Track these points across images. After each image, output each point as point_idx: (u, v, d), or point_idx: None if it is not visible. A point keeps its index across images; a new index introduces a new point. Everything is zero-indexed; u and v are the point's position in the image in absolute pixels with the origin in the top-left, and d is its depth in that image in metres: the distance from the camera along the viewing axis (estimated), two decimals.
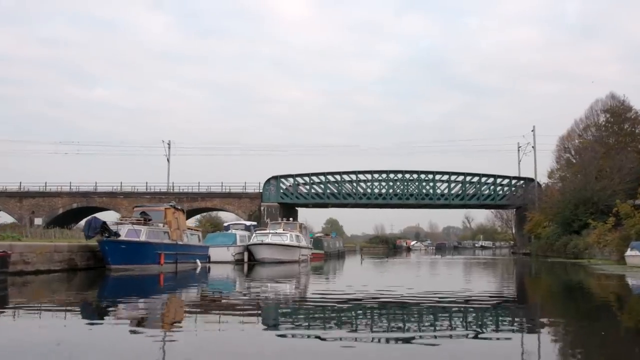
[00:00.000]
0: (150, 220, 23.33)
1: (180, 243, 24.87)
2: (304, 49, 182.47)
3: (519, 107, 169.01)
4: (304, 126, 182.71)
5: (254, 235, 33.49)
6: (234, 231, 34.63)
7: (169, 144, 71.60)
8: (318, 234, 51.48)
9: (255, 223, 40.68)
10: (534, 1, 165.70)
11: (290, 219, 39.15)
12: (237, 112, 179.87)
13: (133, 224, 22.63)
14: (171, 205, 25.06)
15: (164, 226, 24.07)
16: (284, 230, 34.91)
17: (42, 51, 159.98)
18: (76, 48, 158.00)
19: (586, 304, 13.07)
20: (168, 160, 71.35)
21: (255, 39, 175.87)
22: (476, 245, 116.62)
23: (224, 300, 13.39)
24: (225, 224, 38.37)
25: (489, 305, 12.06)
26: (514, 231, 75.67)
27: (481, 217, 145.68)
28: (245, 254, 31.68)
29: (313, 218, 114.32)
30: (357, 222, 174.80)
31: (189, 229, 28.01)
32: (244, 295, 14.80)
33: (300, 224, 39.27)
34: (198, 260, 25.98)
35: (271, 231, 33.86)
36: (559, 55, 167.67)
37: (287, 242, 32.63)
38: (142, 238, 22.16)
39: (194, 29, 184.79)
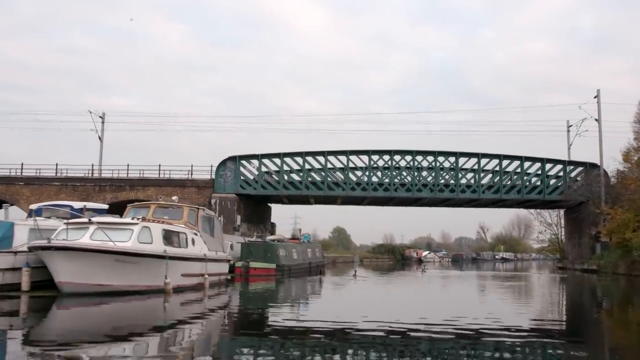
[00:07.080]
0: None
1: None
2: (319, 60, 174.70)
3: (532, 119, 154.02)
4: (318, 135, 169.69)
5: (59, 229, 15.00)
6: (21, 222, 15.88)
7: (101, 118, 53.77)
8: (274, 237, 32.65)
9: (106, 206, 21.33)
10: (549, 13, 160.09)
11: (175, 198, 19.62)
12: (252, 121, 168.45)
13: None
14: None
15: None
16: (152, 218, 16.65)
17: (60, 60, 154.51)
18: (93, 57, 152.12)
19: None
20: (100, 138, 53.47)
21: (271, 49, 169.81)
22: (496, 257, 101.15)
23: None
24: (34, 207, 18.97)
25: None
26: (560, 237, 56.78)
27: (497, 226, 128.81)
28: (25, 273, 13.40)
29: (320, 229, 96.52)
30: (367, 231, 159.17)
31: None
32: None
33: (195, 208, 19.56)
34: None
35: (99, 220, 15.36)
36: (572, 67, 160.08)
37: (129, 245, 14.44)
38: None
39: (211, 38, 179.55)
